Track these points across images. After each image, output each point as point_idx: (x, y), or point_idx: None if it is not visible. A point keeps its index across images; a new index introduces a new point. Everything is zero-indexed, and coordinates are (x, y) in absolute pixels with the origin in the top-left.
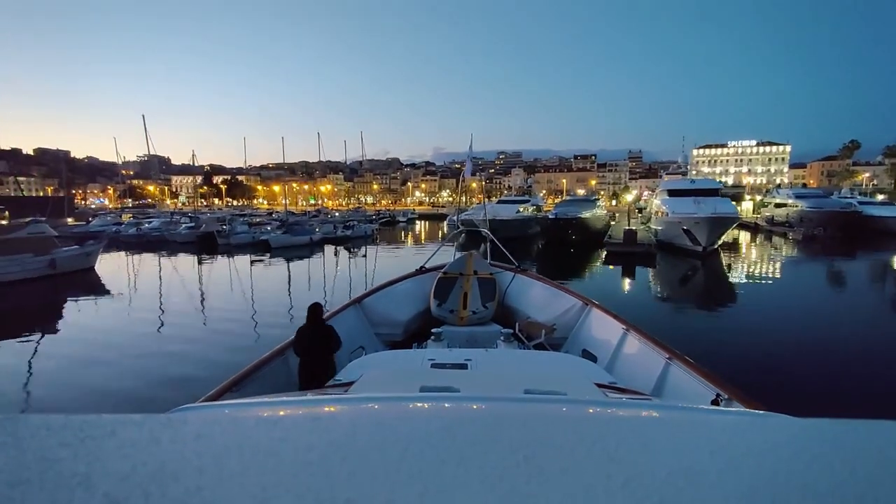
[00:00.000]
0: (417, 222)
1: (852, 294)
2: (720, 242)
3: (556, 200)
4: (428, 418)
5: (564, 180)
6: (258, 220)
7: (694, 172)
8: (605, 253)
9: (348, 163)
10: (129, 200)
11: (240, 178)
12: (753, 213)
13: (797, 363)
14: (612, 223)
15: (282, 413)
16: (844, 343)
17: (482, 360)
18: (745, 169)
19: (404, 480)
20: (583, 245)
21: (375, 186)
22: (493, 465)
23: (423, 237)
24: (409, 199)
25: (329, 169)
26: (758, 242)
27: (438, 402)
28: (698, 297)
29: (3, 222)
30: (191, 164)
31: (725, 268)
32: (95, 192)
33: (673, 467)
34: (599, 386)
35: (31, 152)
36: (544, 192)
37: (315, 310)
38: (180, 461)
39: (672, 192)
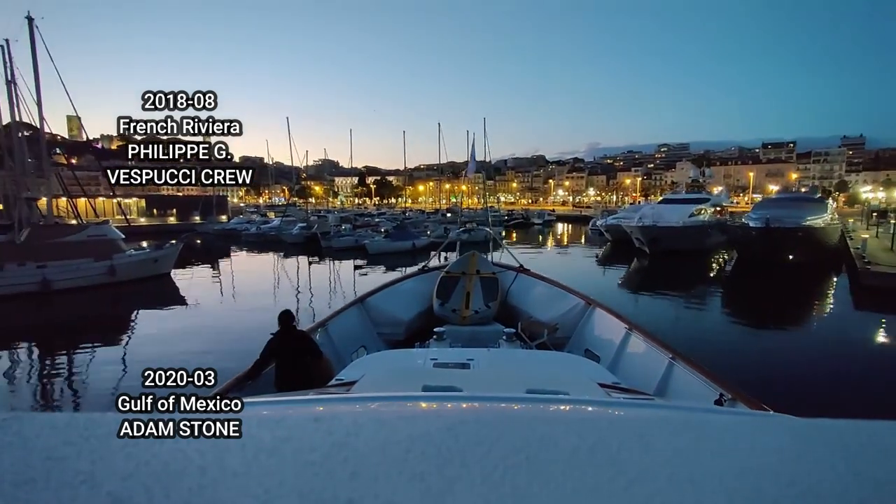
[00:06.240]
0: (558, 225)
1: None
2: None
3: (745, 200)
4: (430, 418)
5: (751, 173)
6: (377, 220)
7: None
8: (853, 287)
9: (493, 161)
10: (297, 199)
11: (389, 178)
12: None
13: None
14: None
15: (284, 412)
16: None
17: (484, 359)
18: None
19: (406, 480)
20: (805, 269)
21: (514, 185)
22: (495, 465)
23: (564, 243)
24: (550, 198)
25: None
26: None
27: (441, 401)
28: None
29: (172, 220)
30: (347, 166)
31: None
32: (277, 192)
33: (676, 468)
34: (602, 386)
35: (238, 160)
36: (722, 188)
37: (284, 318)
38: (183, 460)
39: None
